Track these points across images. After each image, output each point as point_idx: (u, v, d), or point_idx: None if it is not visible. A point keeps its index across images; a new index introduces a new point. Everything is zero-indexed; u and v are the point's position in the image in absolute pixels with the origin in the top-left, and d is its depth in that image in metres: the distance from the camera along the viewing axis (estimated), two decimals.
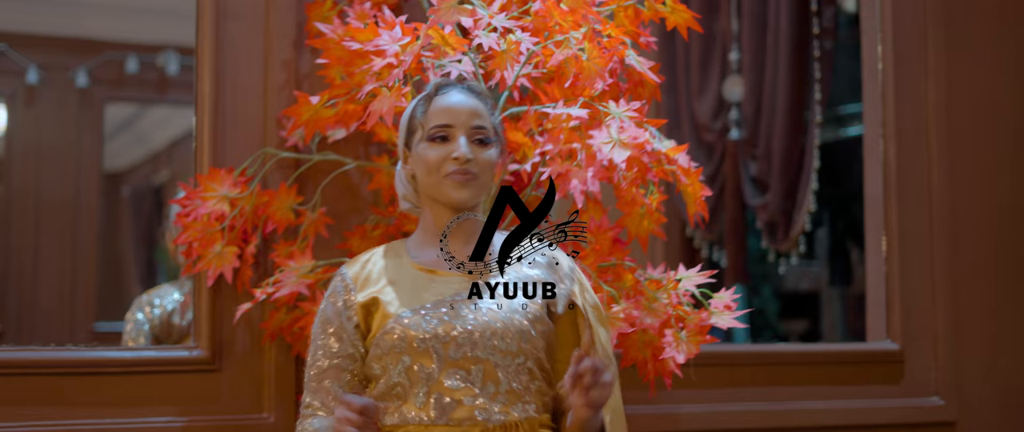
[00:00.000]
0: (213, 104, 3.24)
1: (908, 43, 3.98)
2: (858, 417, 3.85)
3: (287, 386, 3.25)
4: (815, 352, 3.98)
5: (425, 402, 2.49)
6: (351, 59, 2.99)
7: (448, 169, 2.55)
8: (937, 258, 3.95)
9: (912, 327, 3.92)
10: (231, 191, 3.12)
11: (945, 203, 3.96)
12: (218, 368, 3.22)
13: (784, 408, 3.79)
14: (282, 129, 3.27)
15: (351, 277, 2.63)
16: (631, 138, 2.77)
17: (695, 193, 2.75)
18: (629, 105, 2.85)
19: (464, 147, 2.54)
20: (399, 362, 2.51)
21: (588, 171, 2.83)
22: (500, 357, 2.49)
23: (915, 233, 3.95)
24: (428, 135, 2.58)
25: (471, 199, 2.56)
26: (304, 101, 3.05)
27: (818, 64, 4.93)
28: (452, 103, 2.59)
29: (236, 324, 3.21)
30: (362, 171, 3.29)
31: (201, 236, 3.12)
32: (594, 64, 2.85)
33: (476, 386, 2.47)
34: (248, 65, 3.28)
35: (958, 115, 4.00)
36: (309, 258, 3.13)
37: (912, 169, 3.96)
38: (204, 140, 3.25)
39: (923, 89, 3.98)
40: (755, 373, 3.76)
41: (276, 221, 3.17)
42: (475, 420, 2.47)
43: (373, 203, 3.32)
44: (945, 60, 3.99)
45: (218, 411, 3.21)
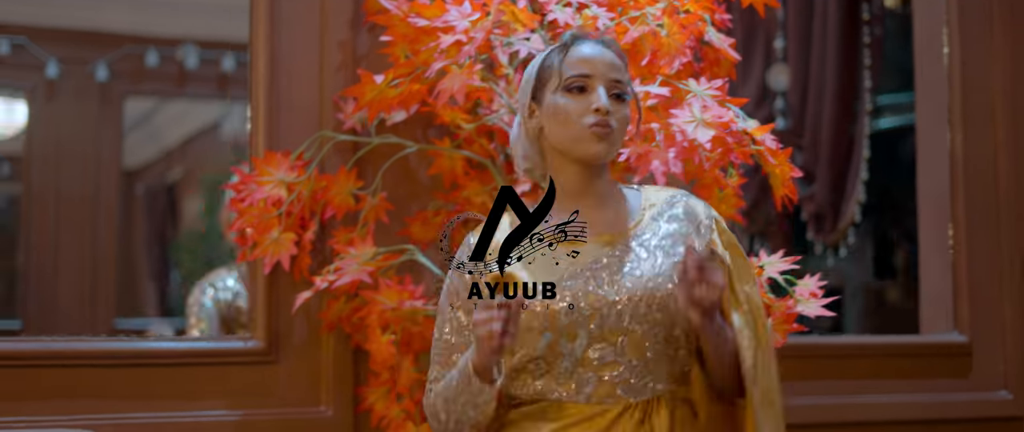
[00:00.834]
0: (268, 86, 3.12)
1: (973, 27, 3.87)
2: (924, 411, 3.73)
3: (345, 378, 3.13)
4: (882, 344, 3.86)
5: (567, 378, 2.34)
6: (416, 36, 2.88)
7: (588, 121, 2.36)
8: (1004, 248, 3.84)
9: (980, 319, 3.80)
10: (288, 175, 3.00)
11: (1012, 191, 3.85)
12: (275, 360, 3.11)
13: (849, 402, 3.68)
14: (339, 111, 3.15)
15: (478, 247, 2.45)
16: (715, 117, 2.65)
17: (784, 174, 2.63)
18: (710, 83, 2.73)
19: (604, 97, 2.36)
20: (541, 338, 2.35)
21: (669, 152, 2.71)
22: (648, 327, 2.33)
23: (982, 223, 3.84)
24: (565, 84, 2.39)
25: (608, 153, 2.39)
26: (368, 80, 2.92)
27: (868, 50, 4.82)
28: (591, 54, 2.41)
29: (293, 314, 3.09)
30: (420, 155, 3.17)
31: (257, 222, 3.00)
32: (674, 40, 2.74)
33: (622, 360, 2.33)
34: (304, 46, 3.17)
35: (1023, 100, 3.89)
36: (370, 245, 3.01)
37: (978, 157, 3.84)
38: (259, 123, 3.13)
39: (988, 74, 3.87)
40: (820, 366, 3.64)
41: (335, 206, 3.05)
42: (617, 397, 2.33)
43: (433, 187, 3.20)
44: (1010, 44, 3.88)
45: (274, 404, 3.10)
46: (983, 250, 3.83)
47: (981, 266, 3.82)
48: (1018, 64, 3.88)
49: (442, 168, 3.14)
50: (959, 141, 3.82)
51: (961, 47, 3.86)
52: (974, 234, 3.83)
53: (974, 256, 3.82)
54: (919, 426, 3.74)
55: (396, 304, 2.94)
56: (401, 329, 2.97)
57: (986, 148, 3.86)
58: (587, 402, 2.33)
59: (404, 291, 2.95)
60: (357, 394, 3.12)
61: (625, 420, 2.33)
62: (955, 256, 3.82)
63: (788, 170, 2.63)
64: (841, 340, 4.56)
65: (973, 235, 3.83)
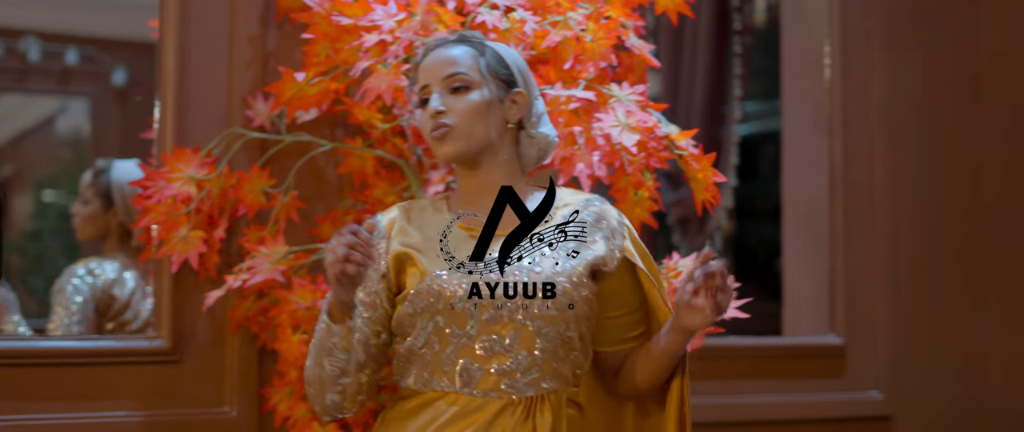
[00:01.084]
0: (177, 82, 3.07)
1: (854, 40, 4.01)
2: (800, 411, 3.86)
3: (250, 379, 3.09)
4: (759, 346, 3.97)
5: (452, 368, 2.37)
6: (338, 35, 2.86)
7: (428, 127, 2.44)
8: (878, 253, 3.99)
9: (854, 322, 3.94)
10: (198, 172, 2.96)
11: (886, 198, 4.00)
12: (179, 359, 3.05)
13: (727, 403, 3.78)
14: (248, 108, 3.11)
15: (385, 224, 2.49)
16: (639, 122, 2.70)
17: (706, 179, 2.69)
18: (633, 89, 2.78)
19: (435, 101, 2.43)
20: (431, 322, 2.37)
21: (594, 155, 2.76)
22: (540, 324, 2.37)
23: (858, 228, 3.98)
24: (416, 103, 2.50)
25: (456, 153, 2.43)
26: (289, 78, 2.89)
27: (739, 60, 4.95)
28: (427, 62, 2.48)
29: (197, 313, 3.04)
30: (328, 154, 3.15)
31: (166, 219, 2.95)
32: (598, 45, 2.78)
33: (509, 354, 2.36)
34: (213, 41, 3.11)
35: (899, 113, 4.04)
36: (282, 244, 2.98)
37: (855, 165, 3.98)
38: (168, 118, 3.07)
39: (866, 86, 4.02)
40: (698, 367, 3.71)
41: (247, 204, 3.01)
42: (500, 391, 2.35)
43: (341, 187, 3.18)
44: (887, 57, 4.04)
45: (178, 405, 3.04)
46: (858, 255, 3.97)
47: (856, 270, 3.96)
48: (894, 76, 4.04)
49: (352, 167, 3.12)
50: (838, 149, 3.96)
51: (842, 59, 3.99)
52: (850, 239, 3.97)
53: (850, 260, 3.96)
54: (795, 425, 3.86)
55: (310, 304, 2.91)
56: (312, 329, 2.94)
57: (863, 156, 4.00)
58: (470, 394, 2.36)
59: (317, 290, 2.93)
60: (261, 394, 3.09)
61: (506, 416, 2.36)
62: (832, 260, 3.95)
63: (711, 175, 2.69)
64: (719, 342, 4.66)
65: (849, 240, 3.97)
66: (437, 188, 3.05)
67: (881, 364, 3.96)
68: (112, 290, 3.90)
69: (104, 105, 7.21)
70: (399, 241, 2.45)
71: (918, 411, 4.00)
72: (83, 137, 7.22)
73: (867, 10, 4.03)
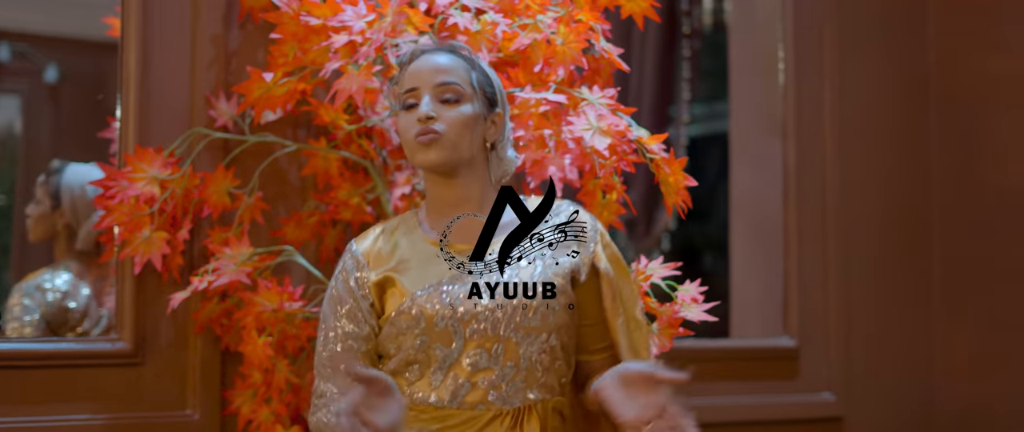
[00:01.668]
0: (139, 81, 3.02)
1: (806, 45, 4.05)
2: (754, 413, 3.89)
3: (213, 381, 3.06)
4: (715, 348, 3.99)
5: (441, 383, 2.36)
6: (306, 35, 2.84)
7: (413, 131, 2.41)
8: (830, 256, 4.03)
9: (807, 324, 3.98)
10: (162, 172, 2.92)
11: (837, 201, 4.04)
12: (141, 362, 3.01)
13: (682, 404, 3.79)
14: (211, 108, 3.08)
15: (362, 253, 2.48)
16: (611, 126, 2.71)
17: (677, 183, 2.69)
18: (603, 92, 2.79)
19: (425, 106, 2.40)
20: (416, 341, 2.37)
21: (565, 158, 2.76)
22: (523, 335, 2.37)
23: (810, 231, 4.02)
24: (400, 103, 2.46)
25: (440, 161, 2.41)
26: (257, 78, 2.87)
27: (687, 63, 4.97)
28: (419, 66, 2.46)
29: (159, 315, 3.00)
30: (291, 155, 3.13)
31: (128, 220, 2.91)
32: (569, 49, 2.78)
33: (495, 366, 2.36)
34: (175, 40, 3.07)
35: (851, 116, 4.09)
36: (247, 245, 2.96)
37: (809, 169, 4.02)
38: (130, 117, 3.02)
39: (819, 89, 4.05)
40: None
41: (212, 205, 2.98)
42: (488, 404, 2.36)
43: (304, 188, 3.16)
44: (838, 62, 4.08)
45: (140, 407, 3.01)
46: (811, 257, 4.01)
47: (809, 273, 4.00)
48: (845, 80, 4.08)
49: (316, 169, 3.10)
50: (792, 152, 3.99)
51: (795, 63, 4.03)
52: (803, 242, 4.00)
53: (803, 263, 3.99)
54: (749, 427, 3.89)
55: (276, 306, 2.89)
56: (278, 331, 2.92)
57: (815, 159, 4.04)
58: (459, 407, 2.37)
59: (283, 293, 2.91)
60: (224, 397, 3.06)
61: (495, 426, 2.37)
62: (786, 263, 3.99)
63: (682, 179, 2.70)
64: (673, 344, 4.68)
65: (802, 243, 4.00)
66: (403, 190, 3.04)
67: (833, 366, 4.00)
68: (65, 303, 3.84)
69: (36, 102, 7.12)
70: (378, 269, 2.45)
71: (869, 412, 4.04)
72: (16, 134, 7.13)
73: (819, 14, 4.07)
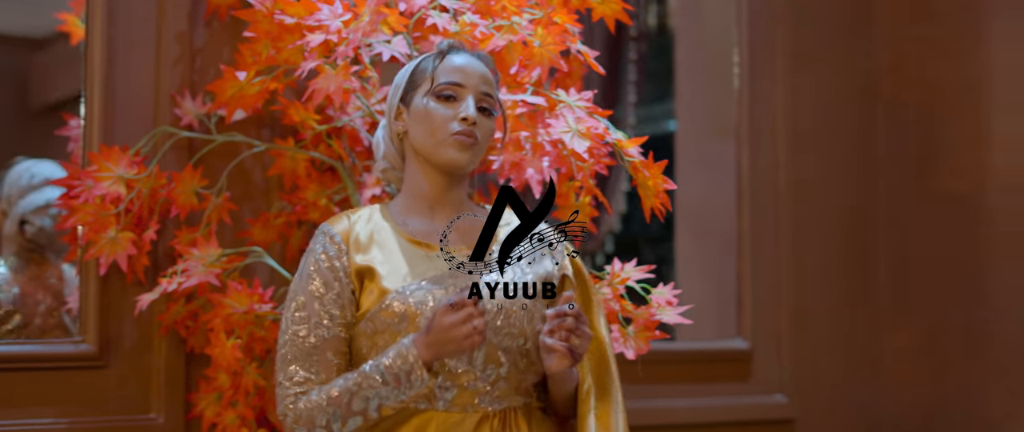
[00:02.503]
0: (104, 78, 2.97)
1: (759, 49, 4.08)
2: (708, 415, 3.91)
3: (177, 384, 3.01)
4: (668, 350, 4.00)
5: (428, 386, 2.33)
6: (280, 34, 2.81)
7: (453, 128, 2.38)
8: (782, 259, 4.06)
9: (759, 326, 4.01)
10: (128, 172, 2.87)
11: (789, 205, 4.08)
12: (105, 364, 2.96)
13: (636, 407, 3.77)
14: (177, 107, 3.03)
15: (341, 236, 2.41)
16: (589, 128, 2.71)
17: (656, 186, 2.69)
18: (581, 95, 2.79)
19: (472, 108, 2.39)
20: (396, 340, 2.33)
21: (543, 160, 2.75)
22: (504, 338, 2.35)
23: (763, 234, 4.05)
24: (437, 91, 2.41)
25: (469, 164, 2.41)
26: (230, 77, 2.83)
27: (634, 66, 4.99)
28: (465, 64, 2.44)
29: (123, 318, 2.95)
30: (255, 155, 3.09)
31: (94, 220, 2.85)
32: (547, 51, 2.77)
33: (477, 369, 2.34)
34: (140, 37, 3.02)
35: (802, 120, 4.13)
36: (215, 246, 2.91)
37: (762, 172, 4.05)
38: (94, 116, 2.97)
39: (772, 94, 4.09)
40: None
41: (180, 205, 2.93)
42: (475, 406, 2.34)
43: (268, 189, 3.12)
44: (791, 66, 4.11)
45: (104, 411, 2.95)
46: (764, 260, 4.04)
47: (762, 275, 4.03)
48: (797, 85, 4.12)
49: (283, 169, 3.07)
50: (746, 156, 4.02)
51: (750, 67, 4.06)
52: (757, 244, 4.03)
53: (756, 266, 4.02)
54: (702, 429, 3.92)
55: (246, 308, 2.85)
56: (247, 334, 2.88)
57: (768, 163, 4.07)
58: (447, 409, 2.35)
59: (253, 295, 2.87)
60: (188, 401, 3.01)
61: (485, 428, 2.36)
62: (739, 265, 4.02)
63: (662, 182, 2.70)
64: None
65: (756, 246, 4.03)
66: (373, 191, 3.02)
67: (785, 368, 4.03)
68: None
69: None
70: (358, 254, 2.40)
71: (819, 414, 4.09)
72: None
73: (773, 19, 4.10)
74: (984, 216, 4.05)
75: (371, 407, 2.29)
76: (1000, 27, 4.04)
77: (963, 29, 4.15)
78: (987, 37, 4.09)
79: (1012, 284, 3.95)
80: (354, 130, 3.02)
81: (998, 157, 4.04)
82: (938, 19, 4.22)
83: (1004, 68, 4.03)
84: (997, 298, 3.99)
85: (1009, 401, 3.93)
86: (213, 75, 3.08)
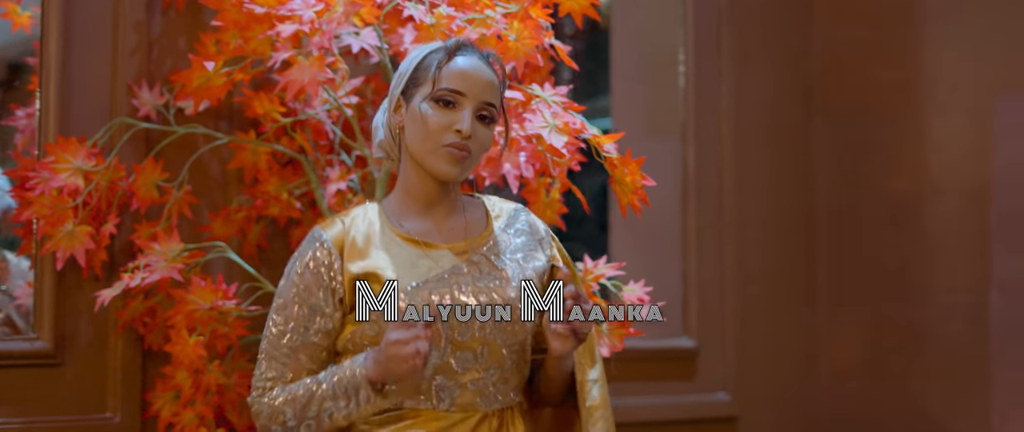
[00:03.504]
0: (60, 68, 2.87)
1: (705, 49, 4.09)
2: (653, 413, 3.91)
3: (133, 383, 2.93)
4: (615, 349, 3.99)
5: (428, 385, 2.29)
6: (248, 23, 2.74)
7: (446, 139, 2.31)
8: (727, 259, 4.08)
9: (705, 325, 4.02)
10: (86, 163, 2.78)
11: (734, 205, 4.10)
12: (60, 362, 2.86)
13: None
14: (134, 97, 2.95)
15: (333, 241, 2.34)
16: (566, 123, 2.68)
17: (634, 182, 2.67)
18: (556, 90, 2.76)
19: (467, 121, 2.31)
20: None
21: (520, 155, 2.72)
22: (504, 336, 2.33)
23: (708, 234, 4.06)
24: (436, 95, 2.33)
25: (460, 175, 2.35)
26: (199, 67, 2.75)
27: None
28: (471, 68, 2.34)
29: (79, 314, 2.86)
30: (213, 148, 3.02)
31: (50, 213, 2.76)
32: (523, 45, 2.74)
33: (481, 368, 2.31)
34: (97, 25, 2.93)
35: (746, 121, 4.14)
36: (176, 240, 2.83)
37: (707, 172, 4.06)
38: (50, 106, 2.87)
39: (717, 94, 4.10)
40: None
41: (140, 199, 2.85)
42: (476, 407, 2.31)
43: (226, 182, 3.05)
44: (735, 67, 4.13)
45: (59, 410, 2.86)
46: (709, 260, 4.05)
47: (707, 274, 4.04)
48: (740, 85, 4.14)
49: (244, 162, 3.00)
50: (692, 155, 4.02)
51: (695, 67, 4.06)
52: (702, 244, 4.04)
53: (702, 265, 4.03)
54: (647, 427, 3.91)
55: (210, 304, 2.78)
56: (209, 330, 2.81)
57: (713, 164, 4.08)
58: (449, 409, 2.32)
59: (218, 291, 2.80)
60: (145, 399, 2.93)
61: (484, 428, 2.33)
62: (685, 265, 4.02)
63: (639, 178, 2.68)
64: None
65: (701, 245, 4.04)
66: (338, 186, 2.96)
67: (729, 366, 4.05)
68: None
69: None
70: (354, 261, 2.33)
71: (761, 412, 4.11)
72: None
73: (718, 18, 4.12)
74: (921, 216, 4.10)
75: (323, 416, 2.28)
76: (936, 29, 4.10)
77: (899, 31, 4.20)
78: (923, 39, 4.14)
79: (951, 283, 4.01)
80: (318, 123, 2.96)
81: (934, 158, 4.10)
82: (875, 21, 4.27)
83: (940, 70, 4.09)
84: (936, 297, 4.04)
85: (950, 399, 3.99)
86: (170, 65, 3.00)
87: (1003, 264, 3.90)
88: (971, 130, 4.00)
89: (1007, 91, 3.92)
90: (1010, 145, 3.92)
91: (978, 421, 3.89)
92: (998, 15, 3.94)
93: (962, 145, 4.03)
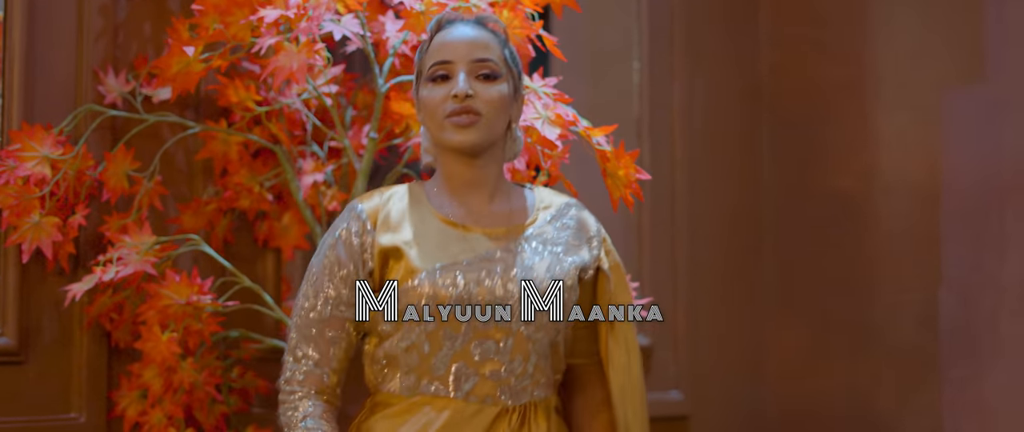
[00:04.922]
0: (24, 52, 2.74)
1: (658, 46, 4.07)
2: None
3: (99, 381, 2.80)
4: None
5: (445, 371, 2.22)
6: (229, 8, 2.64)
7: (447, 109, 2.27)
8: (679, 259, 4.06)
9: (658, 324, 3.99)
10: (53, 152, 2.66)
11: (685, 205, 4.08)
12: (24, 360, 2.72)
13: None
14: (100, 84, 2.82)
15: (368, 214, 2.29)
16: (558, 115, 2.63)
17: (627, 177, 2.62)
18: (545, 81, 2.70)
19: (462, 83, 2.26)
20: (421, 324, 2.22)
21: None
22: (533, 329, 2.26)
23: (660, 234, 4.03)
24: (429, 75, 2.30)
25: (477, 143, 2.28)
26: (178, 52, 2.64)
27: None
28: (451, 37, 2.31)
29: (43, 309, 2.74)
30: (181, 138, 2.91)
31: (16, 203, 2.64)
32: (513, 34, 2.67)
33: (503, 359, 2.24)
34: (61, 9, 2.80)
35: (697, 120, 4.13)
36: (148, 233, 2.72)
37: (660, 172, 4.03)
38: (13, 92, 2.73)
39: (669, 92, 4.07)
40: None
41: (111, 189, 2.74)
42: (496, 399, 2.24)
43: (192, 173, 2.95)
44: (688, 65, 4.11)
45: (21, 410, 2.72)
46: (662, 259, 4.03)
47: (660, 273, 4.02)
48: (693, 84, 4.12)
49: (214, 152, 2.90)
50: (647, 154, 3.99)
51: (650, 64, 4.03)
52: (656, 243, 4.02)
53: (655, 264, 4.01)
54: None
55: (186, 300, 2.68)
56: (182, 327, 2.71)
57: (665, 163, 4.05)
58: (466, 399, 2.25)
59: (193, 285, 2.69)
60: (111, 398, 2.81)
61: (503, 423, 2.27)
62: (639, 264, 3.99)
63: (633, 172, 2.63)
64: None
65: (654, 246, 4.01)
66: (315, 177, 2.89)
67: (681, 365, 4.03)
68: None
69: None
70: (385, 234, 2.28)
71: (711, 411, 4.10)
72: None
73: (671, 16, 4.09)
74: (869, 215, 4.12)
75: None
76: (883, 28, 4.11)
77: (846, 29, 4.21)
78: (870, 37, 4.15)
79: (897, 282, 4.02)
80: (293, 112, 2.87)
81: (882, 156, 4.11)
82: (822, 19, 4.28)
83: (887, 68, 4.11)
84: (883, 296, 4.06)
85: (897, 398, 4.00)
86: (135, 51, 2.89)
87: (952, 262, 3.92)
88: (919, 127, 4.02)
89: (954, 88, 3.95)
90: (958, 142, 3.94)
91: (927, 420, 3.90)
92: (944, 11, 3.96)
93: (910, 143, 4.05)
